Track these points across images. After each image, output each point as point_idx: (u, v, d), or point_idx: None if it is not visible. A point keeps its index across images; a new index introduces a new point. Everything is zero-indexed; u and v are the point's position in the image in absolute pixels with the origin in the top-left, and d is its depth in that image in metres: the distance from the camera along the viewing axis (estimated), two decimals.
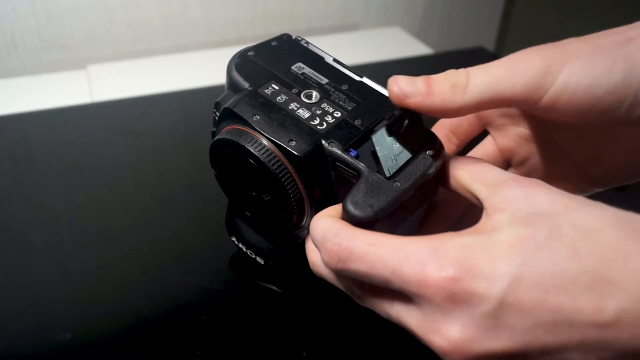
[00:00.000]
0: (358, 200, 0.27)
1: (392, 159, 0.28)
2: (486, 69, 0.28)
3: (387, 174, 0.28)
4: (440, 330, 0.24)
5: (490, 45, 1.04)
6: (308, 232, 0.29)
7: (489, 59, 0.29)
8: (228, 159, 0.32)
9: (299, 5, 0.83)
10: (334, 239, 0.26)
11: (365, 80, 0.32)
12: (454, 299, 0.23)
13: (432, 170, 0.28)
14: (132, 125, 0.57)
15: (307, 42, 0.35)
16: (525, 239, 0.23)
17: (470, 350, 0.23)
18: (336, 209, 0.29)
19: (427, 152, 0.29)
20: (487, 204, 0.26)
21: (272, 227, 0.34)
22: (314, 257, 0.29)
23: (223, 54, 0.77)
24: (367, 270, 0.25)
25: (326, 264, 0.27)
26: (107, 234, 0.44)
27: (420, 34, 0.94)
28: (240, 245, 0.38)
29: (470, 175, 0.28)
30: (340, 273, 0.27)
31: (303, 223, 0.32)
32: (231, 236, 0.39)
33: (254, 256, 0.38)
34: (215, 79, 0.64)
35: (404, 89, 0.28)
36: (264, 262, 0.38)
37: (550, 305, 0.22)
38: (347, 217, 0.27)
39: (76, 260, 0.41)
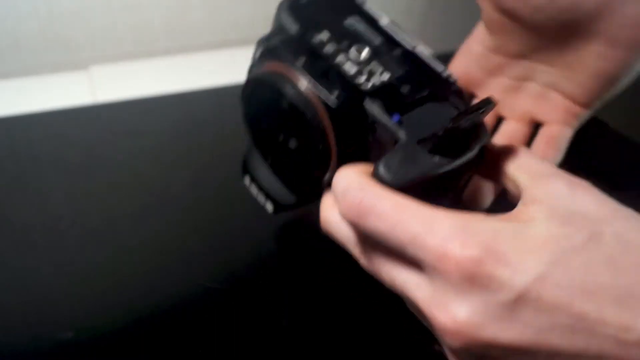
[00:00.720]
0: (392, 165, 0.25)
1: (436, 132, 0.26)
2: None
3: (427, 147, 0.26)
4: (448, 307, 0.23)
5: None
6: (327, 189, 0.28)
7: None
8: (261, 98, 0.31)
9: None
10: (357, 192, 0.25)
11: (419, 49, 0.31)
12: (472, 280, 0.22)
13: (473, 154, 0.27)
14: (134, 125, 0.57)
15: (364, 1, 0.33)
16: (561, 238, 0.22)
17: (474, 335, 0.22)
18: (365, 167, 0.27)
19: (473, 135, 0.27)
20: (526, 193, 0.25)
21: (291, 178, 0.33)
22: (327, 213, 0.28)
23: (224, 55, 0.77)
24: (386, 230, 0.24)
25: (344, 215, 0.25)
26: (108, 233, 0.44)
27: (420, 34, 0.94)
28: (252, 187, 0.37)
29: (515, 163, 0.27)
30: (355, 227, 0.26)
31: (325, 178, 0.31)
32: (244, 175, 0.37)
33: (263, 202, 0.36)
34: (217, 80, 0.64)
35: None
36: (273, 210, 0.36)
37: (573, 311, 0.21)
38: (377, 179, 0.25)
39: (78, 259, 0.42)
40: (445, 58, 0.32)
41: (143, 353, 0.35)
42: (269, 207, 0.36)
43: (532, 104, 0.38)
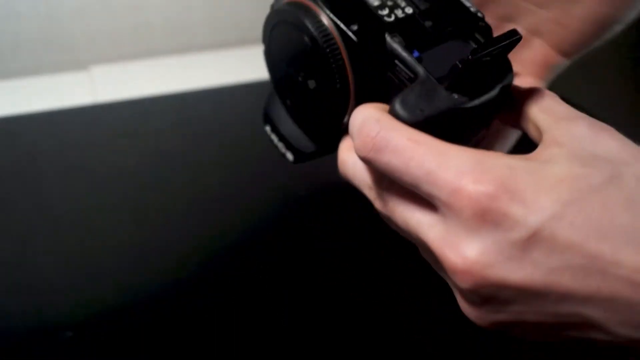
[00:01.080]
0: (408, 101, 0.24)
1: (456, 70, 0.25)
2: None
3: (447, 85, 0.25)
4: (459, 246, 0.22)
5: None
6: (345, 131, 0.28)
7: None
8: (282, 33, 0.30)
9: None
10: (373, 125, 0.24)
11: None
12: (484, 217, 0.21)
13: (493, 94, 0.25)
14: (134, 125, 0.57)
15: None
16: (579, 177, 0.22)
17: (483, 275, 0.22)
18: (384, 106, 0.26)
19: (495, 74, 0.26)
20: (547, 135, 0.24)
21: (311, 120, 0.32)
22: (345, 154, 0.28)
23: (224, 55, 0.77)
24: (400, 165, 0.23)
25: (358, 151, 0.24)
26: (108, 233, 0.44)
27: None
28: (273, 136, 0.36)
29: (539, 106, 0.26)
30: (370, 164, 0.25)
31: (344, 120, 0.30)
32: (265, 125, 0.36)
33: (283, 150, 0.35)
34: (217, 80, 0.64)
35: None
36: (294, 159, 0.35)
37: (587, 251, 0.21)
38: (393, 116, 0.25)
39: (78, 259, 0.42)
40: None
41: (143, 353, 0.35)
42: (289, 156, 0.35)
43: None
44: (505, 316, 0.23)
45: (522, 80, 0.35)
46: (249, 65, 0.72)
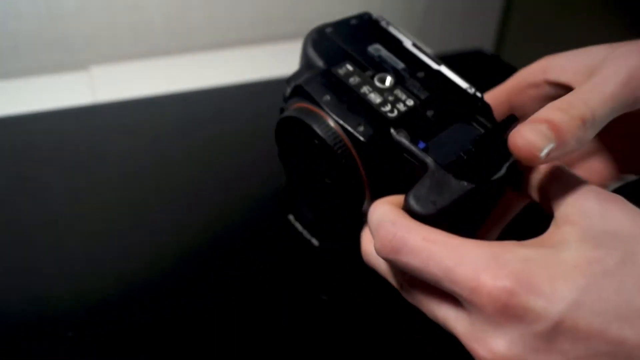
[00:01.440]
0: (421, 195, 0.26)
1: (463, 155, 0.27)
2: (599, 90, 0.25)
3: (455, 172, 0.26)
4: (487, 342, 0.23)
5: (488, 45, 1.04)
6: (366, 221, 0.29)
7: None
8: (293, 137, 0.31)
9: (299, 7, 0.83)
10: (389, 227, 0.25)
11: (443, 68, 0.31)
12: (506, 313, 0.22)
13: (501, 174, 0.27)
14: (134, 125, 0.58)
15: (388, 23, 0.34)
16: (593, 262, 0.22)
17: None
18: (399, 198, 0.27)
19: (500, 154, 0.27)
20: (559, 213, 0.24)
21: (331, 211, 0.34)
22: (367, 246, 0.28)
23: (225, 55, 0.77)
24: (419, 265, 0.24)
25: (378, 252, 0.25)
26: (108, 233, 0.44)
27: (419, 35, 0.94)
28: (297, 224, 0.38)
29: (547, 179, 0.26)
30: (391, 263, 0.26)
31: (364, 207, 0.31)
32: (287, 215, 0.38)
33: (309, 237, 0.37)
34: (217, 80, 0.64)
35: (534, 141, 0.24)
36: (319, 245, 0.37)
37: (611, 337, 0.21)
38: (408, 211, 0.26)
39: (78, 259, 0.42)
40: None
41: (143, 353, 0.35)
42: (315, 242, 0.38)
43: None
44: None
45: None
46: (249, 65, 0.72)
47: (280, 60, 0.71)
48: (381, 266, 0.28)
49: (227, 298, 0.39)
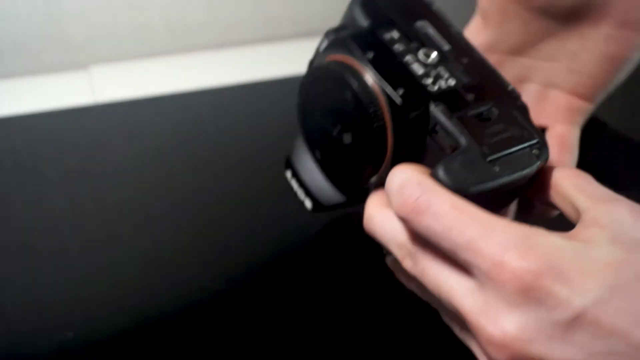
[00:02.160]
0: (452, 169, 0.25)
1: (497, 143, 0.26)
2: None
3: (488, 157, 0.26)
4: (498, 319, 0.22)
5: None
6: (375, 189, 0.28)
7: None
8: (322, 88, 0.31)
9: (300, 7, 0.83)
10: (415, 187, 0.24)
11: (486, 60, 0.31)
12: (528, 294, 0.21)
13: (533, 169, 0.26)
14: (134, 125, 0.58)
15: (438, 7, 0.33)
16: (624, 264, 0.22)
17: (521, 350, 0.21)
18: (424, 169, 0.26)
19: (533, 151, 0.27)
20: (586, 216, 0.24)
21: (339, 174, 0.33)
22: (373, 210, 0.28)
23: (224, 55, 0.77)
24: (440, 231, 0.23)
25: (397, 210, 0.24)
26: (108, 233, 0.44)
27: None
28: (293, 182, 0.36)
29: (575, 186, 0.26)
30: (407, 224, 0.25)
31: (373, 179, 0.30)
32: (286, 170, 0.37)
33: (303, 197, 0.36)
34: (217, 80, 0.64)
35: None
36: (312, 207, 0.36)
37: (632, 339, 0.21)
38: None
39: (78, 259, 0.42)
40: None
41: (143, 353, 0.35)
42: (308, 204, 0.36)
43: (533, 106, 0.37)
44: None
45: (555, 130, 0.36)
46: (249, 65, 0.72)
47: (280, 60, 0.71)
48: (385, 232, 0.27)
49: (227, 298, 0.39)
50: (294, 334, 0.37)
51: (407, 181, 0.24)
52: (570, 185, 0.26)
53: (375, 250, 0.40)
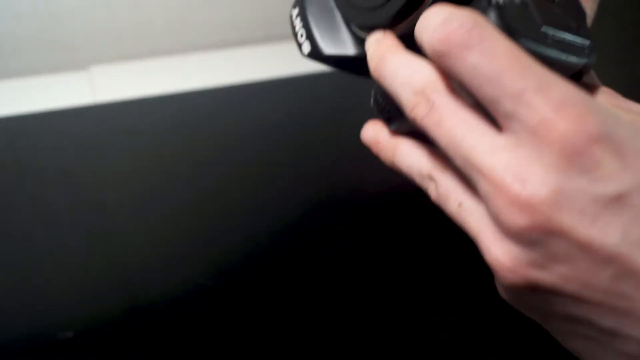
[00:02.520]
0: (507, 15, 0.22)
1: (554, 22, 0.24)
2: None
3: (542, 26, 0.23)
4: (529, 178, 0.19)
5: None
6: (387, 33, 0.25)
7: None
8: None
9: None
10: (466, 21, 0.20)
11: None
12: (573, 159, 0.18)
13: (580, 62, 0.24)
14: (134, 125, 0.58)
15: None
16: None
17: (548, 215, 0.19)
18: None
19: (585, 50, 0.24)
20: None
21: (363, 12, 0.29)
22: (388, 52, 0.24)
23: (224, 55, 0.77)
24: (489, 72, 0.20)
25: (436, 42, 0.21)
26: (108, 233, 0.44)
27: None
28: (297, 21, 0.34)
29: (613, 105, 0.23)
30: (443, 61, 0.21)
31: (401, 23, 0.27)
32: (294, 7, 0.34)
33: (302, 40, 0.33)
34: (217, 80, 0.64)
35: None
36: (310, 51, 0.33)
37: None
38: None
39: (78, 259, 0.42)
40: None
41: (143, 353, 0.35)
42: (306, 48, 0.33)
43: None
44: (545, 276, 0.20)
45: None
46: (248, 66, 0.72)
47: (280, 60, 0.71)
48: (398, 74, 0.23)
49: (227, 298, 0.39)
50: (294, 333, 0.37)
51: (454, 14, 0.21)
52: (610, 98, 0.24)
53: (376, 250, 0.41)
